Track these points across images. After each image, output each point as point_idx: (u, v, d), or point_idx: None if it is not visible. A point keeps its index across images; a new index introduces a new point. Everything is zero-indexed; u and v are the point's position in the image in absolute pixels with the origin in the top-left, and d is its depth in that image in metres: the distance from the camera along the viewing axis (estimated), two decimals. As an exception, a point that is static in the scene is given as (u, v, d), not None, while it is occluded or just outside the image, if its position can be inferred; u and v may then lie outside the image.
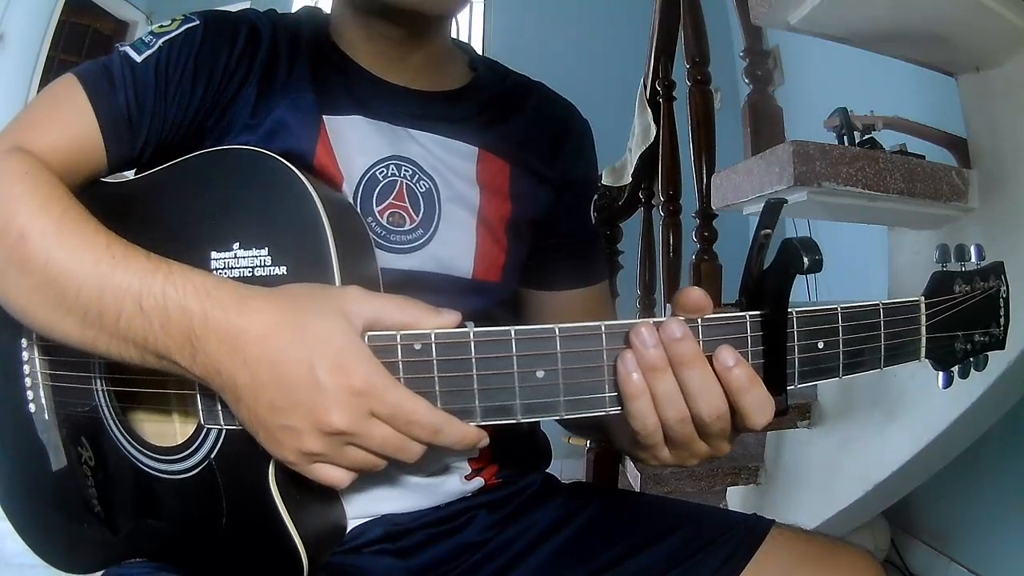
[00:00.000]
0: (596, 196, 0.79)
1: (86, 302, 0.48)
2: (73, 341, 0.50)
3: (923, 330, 0.50)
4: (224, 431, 0.53)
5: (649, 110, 1.89)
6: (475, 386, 0.46)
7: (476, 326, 0.46)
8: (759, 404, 0.45)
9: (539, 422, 0.78)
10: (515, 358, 0.45)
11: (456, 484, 0.68)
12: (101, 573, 0.62)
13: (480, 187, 0.67)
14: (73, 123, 0.57)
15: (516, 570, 0.66)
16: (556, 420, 0.74)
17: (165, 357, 0.47)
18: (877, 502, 1.36)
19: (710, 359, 0.45)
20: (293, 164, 0.54)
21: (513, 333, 0.45)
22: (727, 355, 0.44)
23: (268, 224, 0.52)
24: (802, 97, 2.48)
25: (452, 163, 0.67)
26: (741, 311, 0.46)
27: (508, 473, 0.72)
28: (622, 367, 0.44)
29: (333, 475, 0.47)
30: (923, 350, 0.51)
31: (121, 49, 0.61)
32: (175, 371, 0.48)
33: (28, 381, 0.63)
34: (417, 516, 0.66)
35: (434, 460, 0.66)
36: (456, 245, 0.65)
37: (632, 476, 1.49)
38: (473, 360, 0.45)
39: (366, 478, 0.62)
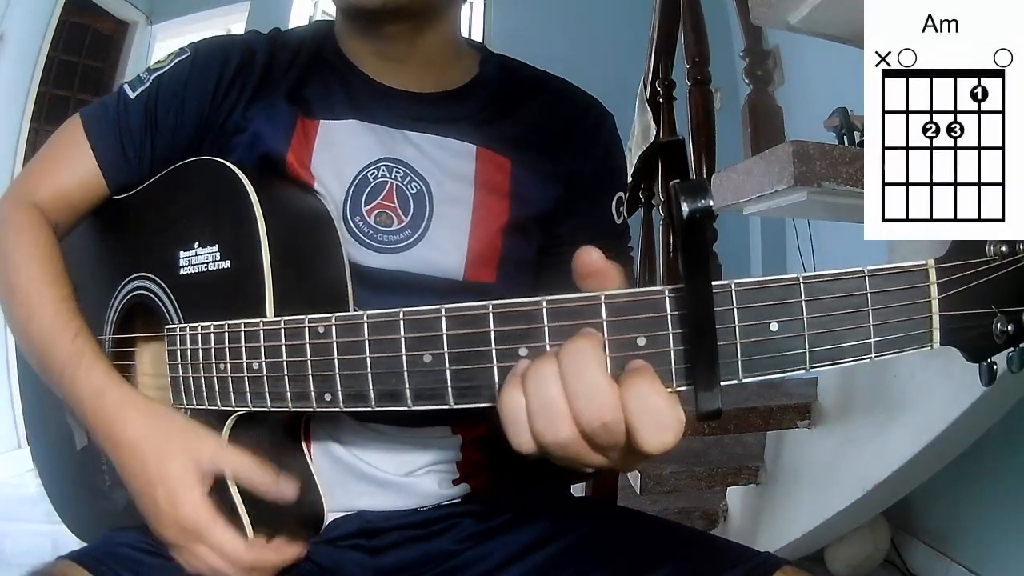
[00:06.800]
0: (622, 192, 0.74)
1: (39, 356, 0.61)
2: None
3: (934, 305, 0.37)
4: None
5: (649, 110, 1.90)
6: (368, 369, 0.45)
7: None
8: (654, 419, 0.36)
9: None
10: (403, 341, 0.44)
11: (433, 487, 0.66)
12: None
13: (478, 186, 0.67)
14: (77, 166, 0.65)
15: None
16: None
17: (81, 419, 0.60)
18: (877, 502, 1.36)
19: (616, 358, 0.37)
20: (269, 169, 0.63)
21: (402, 315, 0.44)
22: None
23: (216, 225, 0.59)
24: (802, 97, 2.47)
25: (448, 163, 0.66)
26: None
27: (505, 483, 0.68)
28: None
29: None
30: (936, 333, 0.37)
31: (123, 86, 0.67)
32: None
33: None
34: (392, 516, 0.65)
35: (408, 460, 0.65)
36: (446, 247, 0.65)
37: (632, 477, 1.49)
38: (366, 342, 0.45)
39: (341, 473, 0.64)
